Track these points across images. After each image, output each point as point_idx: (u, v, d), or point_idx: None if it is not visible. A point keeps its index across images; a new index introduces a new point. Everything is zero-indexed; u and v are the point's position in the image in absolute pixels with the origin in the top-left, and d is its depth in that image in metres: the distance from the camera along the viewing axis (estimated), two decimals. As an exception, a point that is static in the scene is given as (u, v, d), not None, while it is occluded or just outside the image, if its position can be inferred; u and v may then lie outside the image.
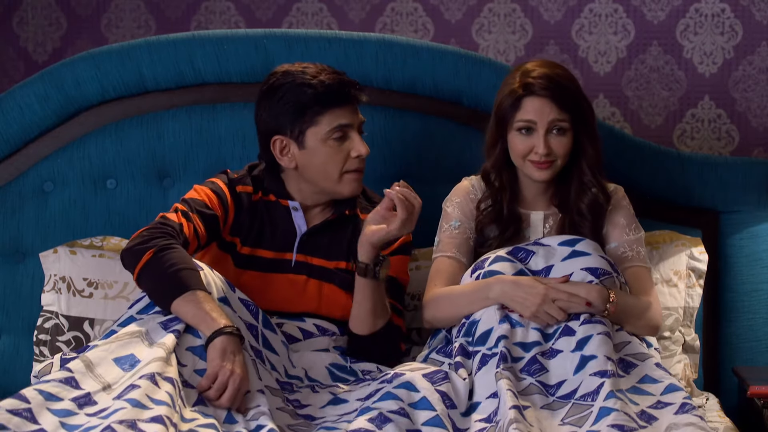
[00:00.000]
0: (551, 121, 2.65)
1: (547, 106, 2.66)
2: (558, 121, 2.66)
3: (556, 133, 2.67)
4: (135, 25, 3.66)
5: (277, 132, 2.68)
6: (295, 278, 2.72)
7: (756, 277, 3.12)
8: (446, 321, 2.65)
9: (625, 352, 2.49)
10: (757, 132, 3.50)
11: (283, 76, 2.69)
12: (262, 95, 2.72)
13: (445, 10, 3.57)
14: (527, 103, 2.67)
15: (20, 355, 3.03)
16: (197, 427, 2.20)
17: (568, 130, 2.68)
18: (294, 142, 2.68)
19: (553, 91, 2.65)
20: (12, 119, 3.07)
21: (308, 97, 2.65)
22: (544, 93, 2.65)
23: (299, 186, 2.74)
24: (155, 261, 2.46)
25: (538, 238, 2.69)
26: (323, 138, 2.66)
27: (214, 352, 2.35)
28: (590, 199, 2.71)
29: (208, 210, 2.66)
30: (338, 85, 2.67)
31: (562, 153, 2.68)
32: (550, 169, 2.69)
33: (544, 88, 2.65)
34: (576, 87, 2.70)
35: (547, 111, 2.66)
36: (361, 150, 2.68)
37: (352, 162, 2.69)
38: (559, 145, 2.67)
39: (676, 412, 2.31)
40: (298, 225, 2.74)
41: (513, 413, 2.23)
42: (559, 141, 2.67)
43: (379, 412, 2.29)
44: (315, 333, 2.68)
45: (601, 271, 2.56)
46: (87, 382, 2.23)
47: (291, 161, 2.70)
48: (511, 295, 2.53)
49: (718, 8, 3.49)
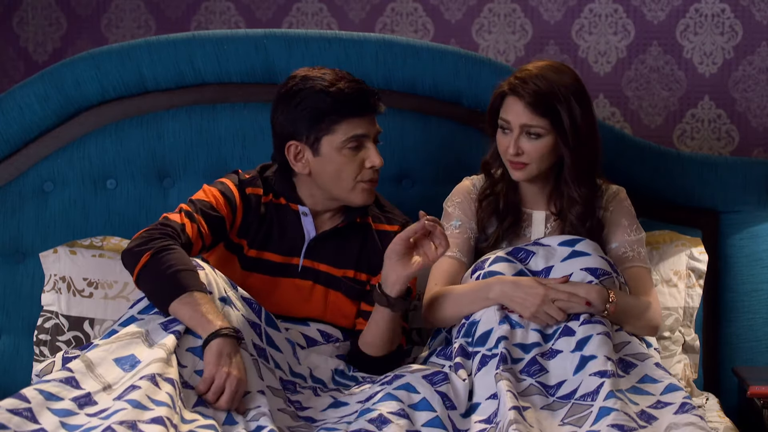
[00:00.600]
0: (522, 125, 2.63)
1: (520, 108, 2.64)
2: (529, 126, 2.63)
3: (530, 136, 2.65)
4: (135, 25, 3.66)
5: (292, 137, 2.66)
6: (302, 283, 2.71)
7: (756, 277, 3.12)
8: (446, 321, 2.65)
9: (624, 352, 2.49)
10: (757, 132, 3.50)
11: (303, 81, 2.66)
12: (280, 98, 2.69)
13: (445, 10, 3.57)
14: (507, 102, 2.67)
15: (20, 355, 3.03)
16: (197, 428, 2.20)
17: (543, 135, 2.64)
18: (309, 149, 2.66)
19: (529, 94, 2.61)
20: (12, 119, 3.07)
21: (326, 104, 2.62)
22: (519, 95, 2.63)
23: (311, 191, 2.72)
24: (153, 263, 2.46)
25: (538, 238, 2.69)
26: (338, 147, 2.64)
27: (210, 355, 2.34)
28: (578, 212, 2.70)
29: (213, 211, 2.66)
30: (357, 94, 2.64)
31: (536, 156, 2.65)
32: (524, 171, 2.67)
33: (521, 89, 2.63)
34: (563, 93, 2.62)
35: (519, 113, 2.64)
36: (375, 161, 2.66)
37: (366, 173, 2.67)
38: (532, 149, 2.65)
39: (676, 412, 2.31)
40: (307, 230, 2.73)
41: (513, 414, 2.23)
42: (533, 145, 2.65)
43: (378, 413, 2.29)
44: (319, 340, 2.67)
45: (601, 271, 2.56)
46: (87, 382, 2.22)
47: (305, 167, 2.68)
48: (510, 295, 2.53)
49: (718, 8, 3.49)
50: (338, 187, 2.68)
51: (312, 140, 2.65)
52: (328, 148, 2.65)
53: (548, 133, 2.64)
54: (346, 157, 2.65)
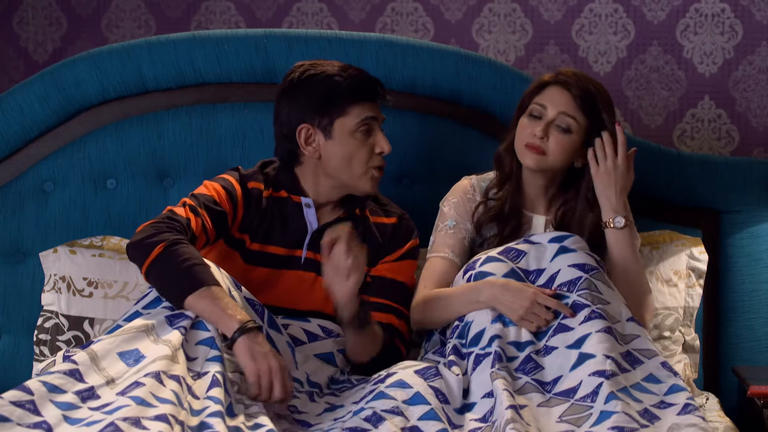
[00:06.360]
0: (560, 111, 2.65)
1: (564, 96, 2.67)
2: (566, 115, 2.65)
3: (559, 129, 2.66)
4: (135, 25, 3.66)
5: (303, 121, 2.68)
6: (304, 275, 2.71)
7: (756, 277, 3.12)
8: (435, 324, 2.65)
9: (632, 346, 2.45)
10: (757, 132, 3.50)
11: (311, 67, 2.70)
12: (286, 88, 2.71)
13: (445, 10, 3.57)
14: (548, 90, 2.70)
15: (20, 354, 3.04)
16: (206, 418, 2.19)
17: (573, 132, 2.67)
18: (321, 132, 2.68)
19: (577, 87, 2.66)
20: (12, 119, 3.07)
21: (340, 87, 2.66)
22: (567, 85, 2.67)
23: (316, 180, 2.73)
24: (166, 255, 2.44)
25: (528, 235, 2.68)
26: (351, 129, 2.67)
27: (243, 357, 2.35)
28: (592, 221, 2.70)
29: (216, 206, 2.66)
30: (367, 80, 2.70)
31: (557, 149, 2.67)
32: (538, 158, 2.67)
33: (569, 82, 2.67)
34: (603, 101, 2.68)
35: (561, 101, 2.67)
36: (384, 147, 2.69)
37: (375, 158, 2.70)
38: (555, 141, 2.66)
39: (679, 413, 2.30)
40: (310, 222, 2.73)
41: (510, 413, 2.22)
42: (558, 137, 2.66)
43: (373, 411, 2.29)
44: (320, 335, 2.67)
45: (589, 266, 2.54)
46: (91, 376, 2.22)
47: (315, 151, 2.69)
48: (500, 298, 2.51)
49: (718, 8, 3.49)
50: (348, 172, 2.69)
51: (325, 123, 2.67)
52: (341, 131, 2.67)
53: (578, 132, 2.66)
54: (358, 140, 2.68)
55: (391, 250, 2.77)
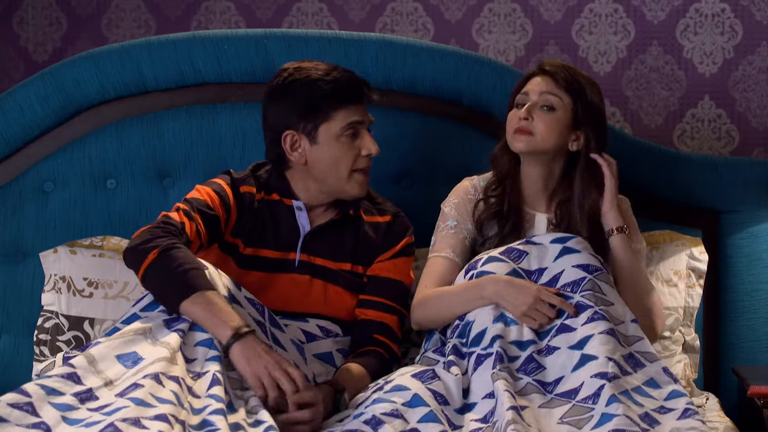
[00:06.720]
0: (542, 92, 2.69)
1: (545, 82, 2.70)
2: (548, 94, 2.68)
3: (543, 109, 2.68)
4: (135, 25, 3.66)
5: (288, 127, 2.67)
6: (299, 278, 2.71)
7: (756, 277, 3.12)
8: (436, 322, 2.65)
9: (636, 348, 2.45)
10: (757, 132, 3.50)
11: (296, 71, 2.68)
12: (272, 91, 2.70)
13: (445, 10, 3.57)
14: (532, 81, 2.73)
15: (20, 355, 3.04)
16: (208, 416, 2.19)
17: (556, 110, 2.68)
18: (306, 137, 2.67)
19: (558, 72, 2.69)
20: (12, 119, 3.07)
21: (324, 92, 2.64)
22: (548, 73, 2.70)
23: (306, 184, 2.72)
24: (161, 260, 2.44)
25: (531, 236, 2.68)
26: (336, 134, 2.66)
27: (240, 363, 2.34)
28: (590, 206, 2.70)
29: (209, 210, 2.65)
30: (352, 82, 2.68)
31: (543, 128, 2.67)
32: (526, 139, 2.68)
33: (551, 69, 2.71)
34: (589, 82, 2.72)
35: (543, 85, 2.70)
36: (371, 149, 2.68)
37: (362, 160, 2.69)
38: (541, 120, 2.67)
39: (679, 417, 2.30)
40: (302, 224, 2.73)
41: (511, 414, 2.22)
42: (544, 116, 2.68)
43: (372, 415, 2.29)
44: (318, 335, 2.67)
45: (593, 267, 2.55)
46: (89, 378, 2.22)
47: (301, 157, 2.68)
48: (503, 294, 2.51)
49: (718, 8, 3.49)
50: (334, 176, 2.68)
51: (309, 129, 2.66)
52: (326, 136, 2.66)
53: (562, 110, 2.68)
54: (344, 144, 2.66)
55: (386, 248, 2.76)
